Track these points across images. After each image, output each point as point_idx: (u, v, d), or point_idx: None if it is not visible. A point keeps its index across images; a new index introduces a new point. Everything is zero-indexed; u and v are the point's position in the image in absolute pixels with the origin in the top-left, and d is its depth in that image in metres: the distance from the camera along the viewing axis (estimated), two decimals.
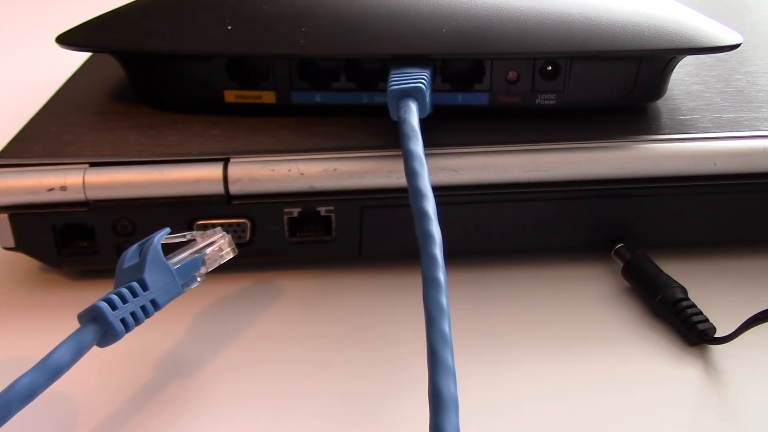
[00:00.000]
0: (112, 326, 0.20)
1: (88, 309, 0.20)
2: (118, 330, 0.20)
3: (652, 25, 0.26)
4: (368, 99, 0.28)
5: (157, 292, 0.21)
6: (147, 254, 0.21)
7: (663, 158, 0.26)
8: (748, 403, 0.22)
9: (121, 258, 0.22)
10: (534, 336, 0.25)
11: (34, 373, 0.18)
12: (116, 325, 0.20)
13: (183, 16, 0.28)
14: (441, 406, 0.16)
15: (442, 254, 0.19)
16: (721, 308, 0.25)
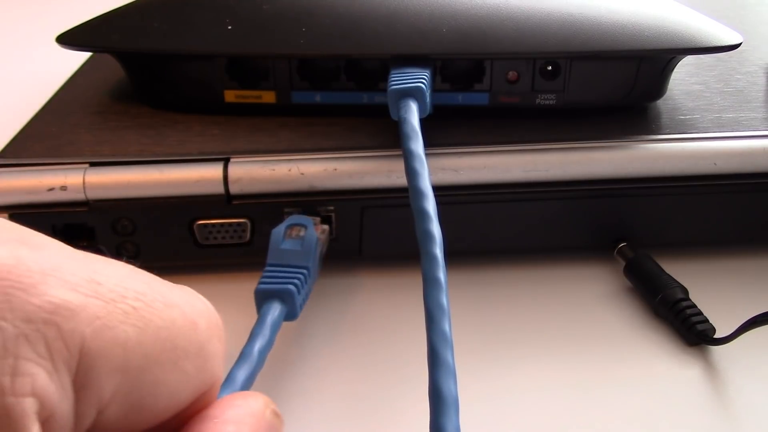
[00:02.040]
0: (295, 307, 0.22)
1: (275, 289, 0.22)
2: (298, 312, 0.22)
3: (652, 25, 0.26)
4: (368, 99, 0.28)
5: (311, 281, 0.24)
6: (311, 246, 0.24)
7: (663, 158, 0.26)
8: (746, 403, 0.22)
9: (275, 237, 0.24)
10: (534, 335, 0.25)
11: (249, 355, 0.20)
12: (298, 308, 0.22)
13: (183, 16, 0.28)
14: (441, 405, 0.16)
15: (442, 254, 0.19)
16: (722, 308, 0.25)
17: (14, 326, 0.11)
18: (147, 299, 0.13)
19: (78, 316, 0.11)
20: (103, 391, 0.12)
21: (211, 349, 0.14)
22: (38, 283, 0.11)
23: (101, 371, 0.12)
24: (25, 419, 0.11)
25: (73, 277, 0.12)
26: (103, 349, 0.12)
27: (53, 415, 0.11)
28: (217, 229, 0.26)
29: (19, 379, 0.11)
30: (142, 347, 0.12)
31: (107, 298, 0.12)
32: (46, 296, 0.11)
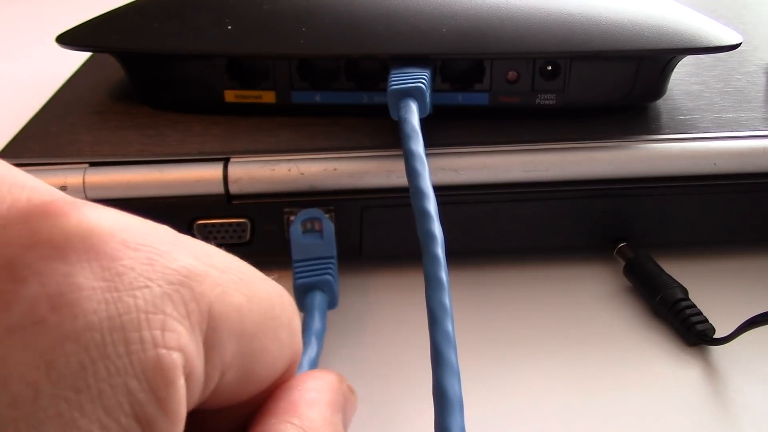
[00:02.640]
0: (335, 295, 0.24)
1: (314, 281, 0.23)
2: (337, 298, 0.24)
3: (652, 25, 0.26)
4: (368, 99, 0.28)
5: None
6: (331, 235, 0.25)
7: (663, 158, 0.26)
8: (745, 403, 0.22)
9: (294, 234, 0.25)
10: (533, 335, 0.25)
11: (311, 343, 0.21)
12: (336, 294, 0.24)
13: (183, 16, 0.28)
14: (446, 405, 0.16)
15: (444, 254, 0.19)
16: (721, 309, 0.25)
17: (159, 286, 0.12)
18: (247, 273, 0.14)
19: (205, 281, 0.13)
20: (226, 353, 0.13)
21: (296, 321, 0.15)
22: (170, 251, 0.12)
23: (224, 333, 0.13)
24: (175, 370, 0.12)
25: (194, 249, 0.13)
26: (225, 313, 0.13)
27: (192, 373, 0.12)
28: (217, 229, 0.26)
29: (168, 334, 0.12)
30: (252, 314, 0.14)
31: (220, 268, 0.13)
32: (179, 262, 0.12)
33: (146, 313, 0.12)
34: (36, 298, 0.11)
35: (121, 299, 0.11)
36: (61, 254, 0.11)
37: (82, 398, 0.11)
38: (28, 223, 0.11)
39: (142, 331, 0.11)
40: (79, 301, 0.11)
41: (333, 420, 0.15)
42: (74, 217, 0.12)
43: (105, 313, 0.11)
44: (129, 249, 0.12)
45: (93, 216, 0.12)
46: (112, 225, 0.12)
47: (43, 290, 0.11)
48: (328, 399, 0.16)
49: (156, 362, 0.11)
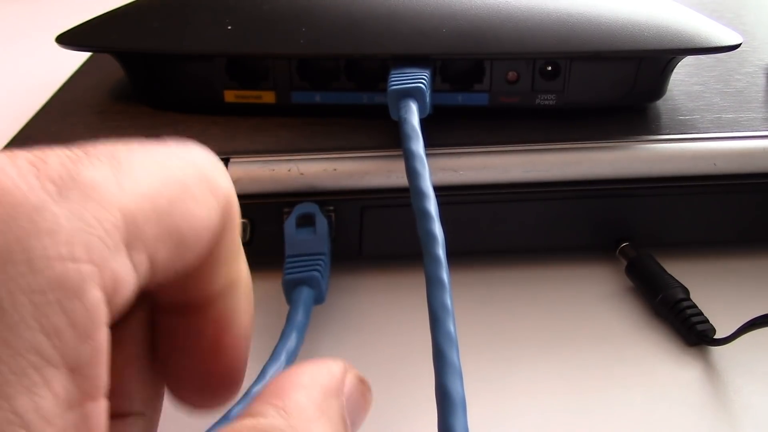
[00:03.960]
0: (322, 291, 0.24)
1: (301, 277, 0.24)
2: (325, 293, 0.24)
3: (652, 25, 0.26)
4: (368, 99, 0.28)
5: (329, 263, 0.25)
6: (323, 232, 0.25)
7: (663, 158, 0.26)
8: (745, 403, 0.22)
9: (288, 229, 0.25)
10: (534, 335, 0.25)
11: (291, 335, 0.22)
12: (324, 291, 0.24)
13: (183, 16, 0.28)
14: (450, 406, 0.16)
15: (445, 254, 0.19)
16: (722, 309, 0.25)
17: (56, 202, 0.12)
18: (152, 157, 0.14)
19: (110, 187, 0.13)
20: (146, 237, 0.13)
21: (211, 171, 0.16)
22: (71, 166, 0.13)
23: (142, 226, 0.13)
24: (82, 283, 0.12)
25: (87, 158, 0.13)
26: (137, 207, 0.13)
27: (116, 276, 0.12)
28: None
29: (77, 247, 0.12)
30: (166, 191, 0.14)
31: (127, 167, 0.13)
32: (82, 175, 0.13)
33: (48, 231, 0.12)
34: None
35: (16, 221, 0.12)
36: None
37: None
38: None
39: (47, 250, 0.12)
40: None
41: (325, 405, 0.15)
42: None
43: (3, 236, 0.11)
44: (32, 166, 0.12)
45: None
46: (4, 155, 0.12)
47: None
48: (322, 383, 0.15)
49: (61, 277, 0.12)
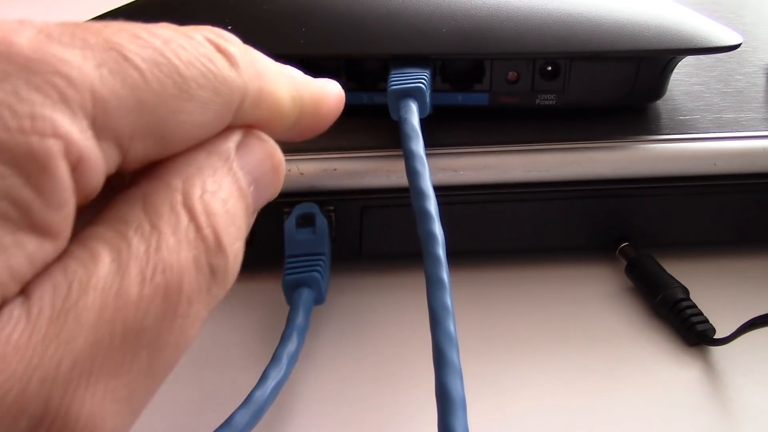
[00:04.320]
0: (322, 292, 0.24)
1: (301, 278, 0.24)
2: (325, 295, 0.24)
3: (652, 25, 0.26)
4: (368, 99, 0.28)
5: (329, 263, 0.25)
6: (323, 232, 0.25)
7: (663, 158, 0.26)
8: (745, 403, 0.22)
9: (288, 230, 0.25)
10: (534, 335, 0.25)
11: (291, 338, 0.22)
12: (324, 291, 0.24)
13: (183, 16, 0.28)
14: (450, 405, 0.16)
15: (445, 254, 0.19)
16: (722, 309, 0.25)
17: (21, 77, 0.12)
18: (142, 41, 0.14)
19: (81, 65, 0.13)
20: (122, 129, 0.13)
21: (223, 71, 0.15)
22: (31, 45, 0.13)
23: (114, 112, 0.13)
24: (49, 157, 0.12)
25: (62, 35, 0.13)
26: (112, 92, 0.13)
27: (82, 156, 0.12)
28: None
29: (37, 122, 0.12)
30: (153, 84, 0.14)
31: (101, 48, 0.13)
32: (43, 51, 0.13)
33: (8, 105, 0.12)
34: None
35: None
36: None
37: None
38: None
39: (6, 121, 0.12)
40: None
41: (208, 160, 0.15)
42: None
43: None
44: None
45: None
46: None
47: None
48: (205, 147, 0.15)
49: (26, 149, 0.12)
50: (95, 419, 0.12)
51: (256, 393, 0.20)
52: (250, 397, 0.20)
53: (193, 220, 0.14)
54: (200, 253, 0.14)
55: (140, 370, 0.13)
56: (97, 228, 0.14)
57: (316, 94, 0.19)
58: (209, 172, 0.15)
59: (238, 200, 0.15)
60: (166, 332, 0.13)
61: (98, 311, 0.12)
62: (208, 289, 0.14)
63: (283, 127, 0.18)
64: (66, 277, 0.12)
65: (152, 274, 0.13)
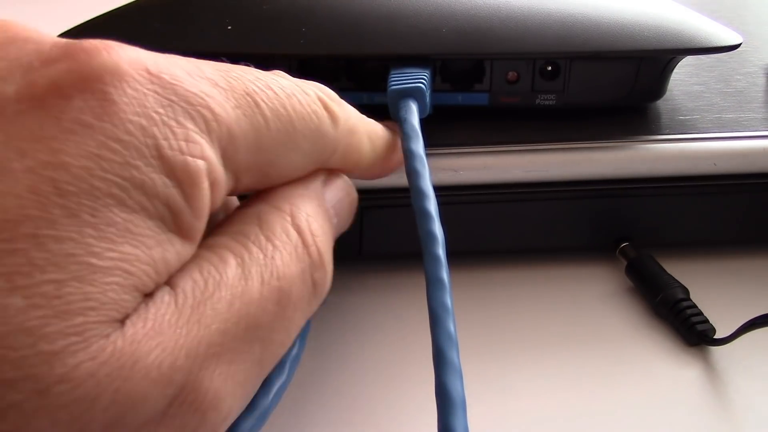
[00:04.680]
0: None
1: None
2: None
3: (652, 25, 0.26)
4: (368, 99, 0.28)
5: None
6: None
7: (663, 158, 0.26)
8: (745, 403, 0.22)
9: None
10: (534, 335, 0.25)
11: (294, 342, 0.21)
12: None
13: (183, 16, 0.28)
14: (450, 406, 0.16)
15: (445, 254, 0.19)
16: (722, 309, 0.25)
17: (180, 106, 0.15)
18: (271, 92, 0.17)
19: (224, 105, 0.15)
20: (241, 163, 0.16)
21: (326, 132, 0.18)
22: (191, 77, 0.15)
23: (240, 148, 0.16)
24: (199, 174, 0.15)
25: (215, 75, 0.16)
26: (243, 132, 0.16)
27: (216, 181, 0.15)
28: None
29: (192, 145, 0.15)
30: (271, 131, 0.17)
31: (243, 92, 0.16)
32: (199, 86, 0.15)
33: (171, 127, 0.14)
34: (81, 110, 0.14)
35: (148, 114, 0.14)
36: (97, 79, 0.14)
37: (128, 185, 0.14)
38: (70, 59, 0.14)
39: (170, 140, 0.14)
40: (116, 113, 0.14)
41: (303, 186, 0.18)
42: (105, 53, 0.14)
43: (138, 123, 0.14)
44: (152, 76, 0.15)
45: (120, 52, 0.15)
46: (138, 57, 0.15)
47: (86, 104, 0.14)
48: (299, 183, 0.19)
49: (183, 166, 0.14)
50: (219, 396, 0.14)
51: (260, 399, 0.20)
52: (254, 403, 0.19)
53: (301, 237, 0.17)
54: (306, 266, 0.17)
55: (254, 360, 0.15)
56: (220, 238, 0.16)
57: (390, 147, 0.22)
58: (308, 201, 0.18)
59: (329, 228, 0.19)
60: (275, 330, 0.16)
61: (228, 304, 0.15)
62: (309, 299, 0.17)
63: (360, 173, 0.21)
64: (202, 275, 0.15)
65: (269, 279, 0.16)
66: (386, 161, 0.22)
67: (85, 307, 0.13)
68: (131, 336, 0.13)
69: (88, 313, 0.13)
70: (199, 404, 0.14)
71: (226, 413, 0.15)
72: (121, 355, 0.13)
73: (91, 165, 0.13)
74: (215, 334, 0.14)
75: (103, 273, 0.13)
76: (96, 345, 0.13)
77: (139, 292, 0.14)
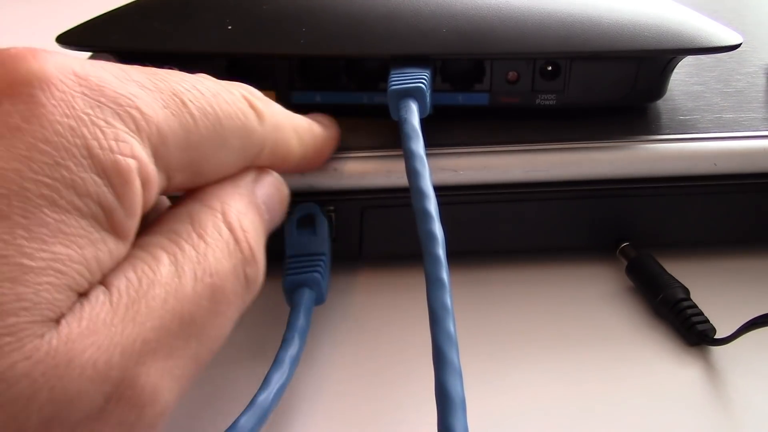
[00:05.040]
0: (322, 292, 0.24)
1: (302, 279, 0.24)
2: (325, 295, 0.24)
3: (652, 25, 0.26)
4: (368, 99, 0.28)
5: (329, 263, 0.25)
6: (324, 232, 0.25)
7: (663, 158, 0.26)
8: (746, 403, 0.22)
9: (288, 230, 0.25)
10: (534, 335, 0.25)
11: (293, 340, 0.22)
12: (325, 291, 0.24)
13: (183, 16, 0.28)
14: (449, 406, 0.16)
15: (445, 254, 0.19)
16: (722, 309, 0.25)
17: (109, 107, 0.15)
18: (197, 92, 0.17)
19: (152, 105, 0.16)
20: (172, 162, 0.17)
21: (253, 130, 0.19)
22: (118, 80, 0.16)
23: (171, 146, 0.16)
24: (130, 173, 0.15)
25: (142, 78, 0.16)
26: (172, 130, 0.16)
27: (147, 179, 0.16)
28: None
29: (122, 144, 0.15)
30: (199, 129, 0.17)
31: (171, 92, 0.16)
32: (127, 89, 0.16)
33: (100, 127, 0.15)
34: (9, 113, 0.14)
35: (77, 116, 0.15)
36: (24, 84, 0.14)
37: (58, 185, 0.14)
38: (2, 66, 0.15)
39: (100, 140, 0.15)
40: (44, 115, 0.14)
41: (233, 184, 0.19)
42: (32, 58, 0.15)
43: (67, 124, 0.14)
44: (80, 79, 0.15)
45: (48, 57, 0.15)
46: (65, 62, 0.15)
47: (14, 108, 0.14)
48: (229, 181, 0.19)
49: (114, 165, 0.15)
50: (156, 391, 0.15)
51: (260, 397, 0.20)
52: (254, 401, 0.19)
53: (232, 234, 0.17)
54: (238, 262, 0.17)
55: (190, 355, 0.16)
56: (153, 237, 0.16)
57: (318, 141, 0.23)
58: (239, 198, 0.18)
59: (261, 223, 0.19)
60: (210, 326, 0.16)
61: (162, 301, 0.15)
62: (242, 294, 0.17)
63: (287, 169, 0.22)
64: (136, 273, 0.15)
65: (202, 276, 0.16)
66: (316, 154, 0.23)
67: (17, 308, 0.13)
68: (66, 335, 0.13)
69: (21, 314, 0.13)
70: (136, 400, 0.14)
71: (163, 407, 0.15)
72: (56, 354, 0.13)
73: (21, 167, 0.14)
74: (150, 331, 0.15)
75: (36, 273, 0.13)
76: (30, 345, 0.13)
77: (73, 292, 0.14)
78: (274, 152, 0.20)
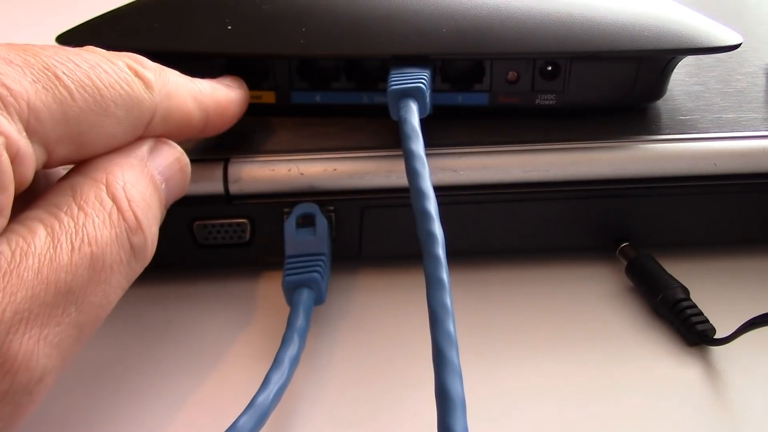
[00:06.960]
0: (322, 292, 0.24)
1: (302, 279, 0.24)
2: (325, 294, 0.24)
3: (652, 25, 0.26)
4: (368, 99, 0.28)
5: (329, 263, 0.25)
6: (323, 232, 0.25)
7: (663, 158, 0.26)
8: (745, 403, 0.22)
9: (288, 230, 0.25)
10: (534, 335, 0.25)
11: (292, 340, 0.22)
12: (324, 291, 0.24)
13: (183, 16, 0.28)
14: (449, 406, 0.16)
15: (445, 254, 0.19)
16: (722, 309, 0.25)
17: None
18: (72, 65, 0.17)
19: (20, 80, 0.16)
20: (50, 135, 0.16)
21: (141, 99, 0.19)
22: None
23: (46, 121, 0.16)
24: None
25: (7, 55, 0.16)
26: (45, 104, 0.16)
27: (19, 153, 0.15)
28: (216, 230, 0.26)
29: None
30: (77, 102, 0.17)
31: (42, 67, 0.16)
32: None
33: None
34: None
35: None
36: None
37: None
38: None
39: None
40: None
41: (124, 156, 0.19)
42: None
43: None
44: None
45: None
46: None
47: None
48: None
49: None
50: (29, 358, 0.15)
51: (259, 397, 0.20)
52: (254, 401, 0.19)
53: (116, 204, 0.17)
54: (122, 231, 0.17)
55: (69, 322, 0.16)
56: (33, 211, 0.17)
57: (221, 103, 0.23)
58: (128, 169, 0.18)
59: (153, 193, 0.19)
60: (91, 294, 0.16)
61: (36, 272, 0.15)
62: (128, 262, 0.17)
63: (193, 135, 0.22)
64: (10, 246, 0.15)
65: (80, 245, 0.16)
66: (219, 117, 0.23)
67: None
68: None
69: None
70: (9, 367, 0.15)
71: (40, 374, 0.15)
72: None
73: None
74: (21, 301, 0.15)
75: None
76: None
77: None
78: (167, 120, 0.20)
